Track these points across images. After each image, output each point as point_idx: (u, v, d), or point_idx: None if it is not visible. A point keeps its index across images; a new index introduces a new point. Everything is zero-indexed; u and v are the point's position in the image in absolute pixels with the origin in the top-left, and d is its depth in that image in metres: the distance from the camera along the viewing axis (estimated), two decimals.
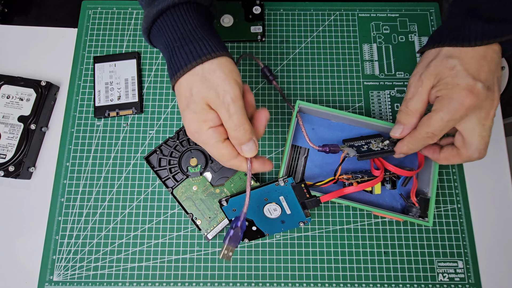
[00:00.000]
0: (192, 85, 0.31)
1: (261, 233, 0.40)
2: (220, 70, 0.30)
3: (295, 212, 0.39)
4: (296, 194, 0.38)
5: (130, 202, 0.44)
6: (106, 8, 0.51)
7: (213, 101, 0.30)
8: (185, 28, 0.32)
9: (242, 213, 0.34)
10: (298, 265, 0.42)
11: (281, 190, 0.38)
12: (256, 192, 0.38)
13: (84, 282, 0.41)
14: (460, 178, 0.44)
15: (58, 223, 0.43)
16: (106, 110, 0.46)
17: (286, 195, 0.38)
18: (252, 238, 0.40)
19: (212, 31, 0.34)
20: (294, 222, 0.39)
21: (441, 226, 0.43)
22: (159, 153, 0.44)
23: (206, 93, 0.30)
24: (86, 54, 0.49)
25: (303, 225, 0.40)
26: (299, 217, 0.39)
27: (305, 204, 0.38)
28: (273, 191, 0.38)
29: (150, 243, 0.42)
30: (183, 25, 0.32)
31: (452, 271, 0.41)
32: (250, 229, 0.39)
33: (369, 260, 0.42)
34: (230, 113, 0.30)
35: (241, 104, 0.30)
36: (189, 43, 0.31)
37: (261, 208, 0.38)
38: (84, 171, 0.44)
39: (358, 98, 0.47)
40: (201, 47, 0.31)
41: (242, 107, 0.31)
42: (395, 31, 0.50)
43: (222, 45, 0.32)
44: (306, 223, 0.39)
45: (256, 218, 0.39)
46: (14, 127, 0.44)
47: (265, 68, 0.47)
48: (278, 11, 0.51)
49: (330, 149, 0.41)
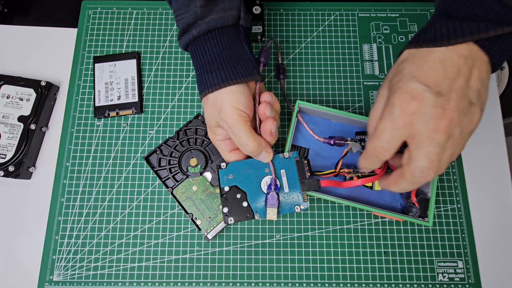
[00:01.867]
0: (205, 108, 0.37)
1: (250, 213, 0.37)
2: (221, 100, 0.35)
3: (293, 191, 0.38)
4: (297, 170, 0.38)
5: (130, 202, 0.44)
6: (106, 8, 0.51)
7: (220, 123, 0.36)
8: (205, 58, 0.36)
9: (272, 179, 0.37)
10: (298, 265, 0.42)
11: (284, 163, 0.38)
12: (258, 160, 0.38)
13: (84, 282, 0.41)
14: (460, 178, 0.44)
15: (58, 223, 0.43)
16: (106, 110, 0.46)
17: (287, 170, 0.38)
18: (239, 217, 0.37)
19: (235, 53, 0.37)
20: (290, 205, 0.37)
21: (441, 226, 0.43)
22: (159, 153, 0.44)
23: (212, 116, 0.36)
24: (86, 54, 0.49)
25: (299, 210, 0.37)
26: (296, 199, 0.38)
27: (304, 183, 0.38)
28: (276, 162, 0.38)
29: (150, 243, 0.42)
30: (203, 55, 0.37)
31: (452, 271, 0.41)
32: (240, 205, 0.37)
33: (369, 260, 0.42)
34: (234, 135, 0.35)
35: (241, 127, 0.34)
36: (205, 73, 0.36)
37: (259, 180, 0.38)
38: (84, 171, 0.45)
39: (358, 98, 0.47)
40: (213, 78, 0.35)
41: (243, 129, 0.35)
42: (395, 31, 0.50)
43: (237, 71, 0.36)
44: (303, 208, 0.37)
45: (250, 190, 0.38)
46: (14, 127, 0.44)
47: (281, 65, 0.47)
48: (278, 11, 0.51)
49: (335, 141, 0.40)
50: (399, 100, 0.28)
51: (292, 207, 0.38)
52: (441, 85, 0.27)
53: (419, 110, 0.27)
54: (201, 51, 0.37)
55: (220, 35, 0.36)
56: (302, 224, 0.43)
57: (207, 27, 0.35)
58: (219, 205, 0.42)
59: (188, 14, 0.36)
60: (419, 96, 0.27)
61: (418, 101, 0.27)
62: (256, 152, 0.36)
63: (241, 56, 0.37)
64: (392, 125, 0.28)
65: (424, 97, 0.27)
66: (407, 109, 0.27)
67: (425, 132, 0.27)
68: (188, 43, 0.37)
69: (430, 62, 0.28)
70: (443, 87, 0.27)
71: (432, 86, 0.27)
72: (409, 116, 0.27)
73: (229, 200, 0.38)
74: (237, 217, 0.37)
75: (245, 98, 0.35)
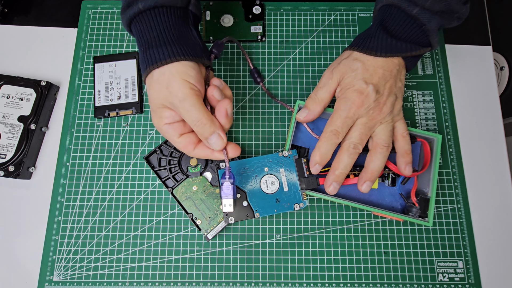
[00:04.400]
0: (149, 87, 0.34)
1: (250, 212, 0.37)
2: (169, 72, 0.33)
3: (292, 190, 0.38)
4: (296, 169, 0.38)
5: (130, 202, 0.44)
6: (106, 8, 0.51)
7: (167, 101, 0.33)
8: (151, 34, 0.35)
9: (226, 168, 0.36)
10: (298, 265, 0.42)
11: (283, 162, 0.38)
12: (258, 159, 0.38)
13: (84, 282, 0.41)
14: (460, 178, 0.44)
15: (58, 223, 0.43)
16: (106, 110, 0.46)
17: (287, 169, 0.38)
18: (239, 217, 0.37)
19: (183, 33, 0.36)
20: (289, 203, 0.38)
21: (441, 226, 0.43)
22: (159, 153, 0.44)
23: (157, 94, 0.33)
24: (86, 54, 0.49)
25: (298, 208, 0.38)
26: (295, 198, 0.38)
27: (303, 181, 0.38)
28: (275, 161, 0.38)
29: (150, 243, 0.42)
30: (149, 31, 0.35)
31: (452, 271, 0.41)
32: (240, 204, 0.37)
33: (369, 260, 0.42)
34: (185, 110, 0.33)
35: (193, 101, 0.33)
36: (150, 49, 0.34)
37: (259, 179, 0.38)
38: (84, 171, 0.45)
39: None
40: (159, 53, 0.33)
41: (196, 103, 0.33)
42: None
43: (185, 49, 0.34)
44: (302, 207, 0.38)
45: (250, 190, 0.38)
46: (14, 127, 0.44)
47: (254, 70, 0.47)
48: (278, 11, 0.51)
49: None
50: (352, 95, 0.36)
51: (291, 205, 0.38)
52: (380, 84, 0.37)
53: (365, 104, 0.36)
54: (146, 27, 0.35)
55: (167, 13, 0.35)
56: (302, 224, 0.43)
57: (154, 2, 0.34)
58: (219, 205, 0.42)
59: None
60: (365, 92, 0.36)
61: (364, 96, 0.36)
62: (208, 130, 0.34)
63: (189, 39, 0.36)
64: (345, 113, 0.36)
65: (368, 93, 0.36)
66: (356, 102, 0.36)
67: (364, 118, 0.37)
68: (132, 17, 0.35)
69: (375, 67, 0.37)
70: (380, 86, 0.37)
71: (374, 85, 0.36)
72: (358, 107, 0.36)
73: None
74: (237, 217, 0.37)
75: (196, 72, 0.34)
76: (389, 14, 0.39)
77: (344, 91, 0.37)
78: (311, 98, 0.39)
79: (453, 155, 0.45)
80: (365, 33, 0.40)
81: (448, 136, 0.46)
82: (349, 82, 0.37)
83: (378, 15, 0.41)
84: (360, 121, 0.37)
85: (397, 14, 0.38)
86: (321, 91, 0.39)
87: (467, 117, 0.47)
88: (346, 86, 0.37)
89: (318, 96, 0.39)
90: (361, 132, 0.37)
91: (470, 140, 0.46)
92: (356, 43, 0.39)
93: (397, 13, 0.38)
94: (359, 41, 0.39)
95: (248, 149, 0.45)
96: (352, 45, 0.39)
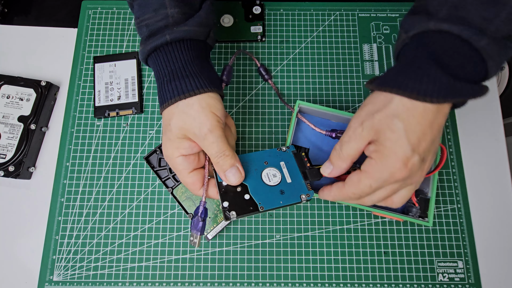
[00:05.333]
0: (172, 117, 0.34)
1: (254, 205, 0.33)
2: (198, 104, 0.33)
3: (296, 182, 0.35)
4: (297, 163, 0.36)
5: (130, 202, 0.44)
6: (106, 8, 0.51)
7: (191, 132, 0.33)
8: (175, 65, 0.35)
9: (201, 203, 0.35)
10: (298, 265, 0.42)
11: (282, 156, 0.37)
12: (256, 155, 0.36)
13: (84, 282, 0.41)
14: (460, 178, 0.44)
15: (58, 223, 0.43)
16: (106, 110, 0.46)
17: (287, 161, 0.36)
18: (242, 211, 0.33)
19: (204, 65, 0.36)
20: (295, 194, 0.35)
21: (441, 226, 0.43)
22: (159, 153, 0.44)
23: (182, 124, 0.33)
24: (86, 54, 0.49)
25: (306, 199, 0.34)
26: (300, 188, 0.35)
27: (306, 174, 0.36)
28: (274, 155, 0.36)
29: (150, 243, 0.42)
30: (174, 62, 0.35)
31: (452, 271, 0.41)
32: (241, 198, 0.34)
33: (369, 260, 0.42)
34: (210, 142, 0.32)
35: (219, 133, 0.33)
36: (176, 80, 0.34)
37: (259, 172, 0.35)
38: (84, 171, 0.45)
39: (358, 98, 0.47)
40: (186, 84, 0.33)
41: (221, 136, 0.33)
42: (395, 31, 0.50)
43: (209, 81, 0.34)
44: (309, 197, 0.35)
45: (251, 183, 0.34)
46: (14, 127, 0.44)
47: (261, 67, 0.47)
48: (278, 11, 0.51)
49: (337, 134, 0.40)
50: (392, 166, 0.29)
51: (298, 196, 0.35)
52: (427, 150, 0.30)
53: (406, 176, 0.30)
54: (170, 57, 0.35)
55: (191, 45, 0.36)
56: (302, 224, 0.43)
57: (182, 35, 0.35)
58: (219, 205, 0.42)
59: (155, 19, 0.35)
60: (410, 164, 0.29)
61: (408, 169, 0.29)
62: (229, 162, 0.33)
63: (209, 71, 0.36)
64: (378, 184, 0.31)
65: (414, 165, 0.29)
66: (397, 175, 0.30)
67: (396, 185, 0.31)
68: (156, 48, 0.35)
69: (424, 126, 0.29)
70: (427, 152, 0.30)
71: (421, 154, 0.29)
72: (396, 181, 0.30)
73: (229, 194, 0.34)
74: (240, 211, 0.33)
75: (221, 106, 0.34)
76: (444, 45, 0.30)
77: (381, 155, 0.30)
78: (336, 153, 0.33)
79: (453, 155, 0.45)
80: (405, 68, 0.30)
81: (448, 136, 0.46)
82: (390, 147, 0.29)
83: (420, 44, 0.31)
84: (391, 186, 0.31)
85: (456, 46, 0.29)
86: (347, 147, 0.32)
87: (467, 117, 0.47)
88: (385, 151, 0.30)
89: (344, 152, 0.32)
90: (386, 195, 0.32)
91: (470, 140, 0.46)
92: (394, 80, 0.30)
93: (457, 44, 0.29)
94: (399, 78, 0.30)
95: (248, 149, 0.45)
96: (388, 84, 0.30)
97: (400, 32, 0.34)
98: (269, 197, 0.34)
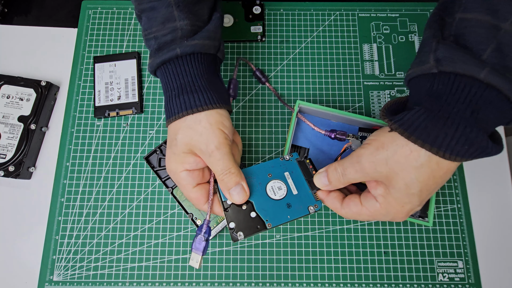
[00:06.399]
0: (178, 131, 0.33)
1: (261, 223, 0.33)
2: (206, 120, 0.32)
3: (302, 193, 0.34)
4: (302, 171, 0.35)
5: (130, 202, 0.44)
6: (106, 8, 0.51)
7: (197, 148, 0.32)
8: (185, 79, 0.34)
9: (205, 221, 0.35)
10: (298, 265, 0.42)
11: (286, 165, 0.35)
12: (259, 167, 0.35)
13: (84, 282, 0.41)
14: (460, 178, 0.44)
15: (58, 223, 0.43)
16: (106, 110, 0.46)
17: (291, 171, 0.35)
18: (250, 231, 0.32)
19: (213, 80, 0.36)
20: (302, 206, 0.34)
21: (441, 226, 0.43)
22: (159, 153, 0.44)
23: (188, 139, 0.33)
24: (86, 54, 0.49)
25: (314, 211, 0.33)
26: (307, 199, 0.34)
27: (312, 182, 0.34)
28: (277, 166, 0.35)
29: (150, 243, 0.42)
30: (183, 76, 0.34)
31: (452, 271, 0.41)
32: (248, 216, 0.33)
33: (369, 260, 0.42)
34: (216, 159, 0.32)
35: (226, 151, 0.32)
36: (184, 94, 0.33)
37: (264, 186, 0.34)
38: (84, 171, 0.45)
39: (358, 98, 0.47)
40: (195, 99, 0.33)
41: (228, 153, 0.33)
42: (395, 31, 0.50)
43: (217, 96, 0.34)
44: (317, 208, 0.34)
45: (256, 199, 0.34)
46: (14, 127, 0.44)
47: (257, 71, 0.47)
48: (278, 11, 0.51)
49: (336, 135, 0.40)
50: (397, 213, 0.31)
51: (305, 208, 0.34)
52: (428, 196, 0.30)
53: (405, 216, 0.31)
54: (180, 71, 0.34)
55: (201, 59, 0.35)
56: (302, 224, 0.43)
57: (192, 49, 0.34)
58: None
59: (164, 32, 0.35)
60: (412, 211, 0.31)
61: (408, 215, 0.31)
62: (234, 180, 0.32)
63: (218, 86, 0.36)
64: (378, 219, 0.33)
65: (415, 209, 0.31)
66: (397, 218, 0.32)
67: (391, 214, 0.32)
68: (166, 61, 0.35)
69: (436, 178, 0.28)
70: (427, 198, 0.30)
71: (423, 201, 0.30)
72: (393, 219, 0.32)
73: (234, 213, 0.33)
74: (247, 231, 0.32)
75: (229, 122, 0.34)
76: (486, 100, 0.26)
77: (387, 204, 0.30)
78: (337, 173, 0.32)
79: None
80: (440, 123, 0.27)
81: None
82: (399, 198, 0.30)
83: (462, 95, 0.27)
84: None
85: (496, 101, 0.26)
86: (352, 172, 0.31)
87: None
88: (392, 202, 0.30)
89: (346, 177, 0.32)
90: None
91: None
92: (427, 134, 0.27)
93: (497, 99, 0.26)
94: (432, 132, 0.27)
95: (248, 149, 0.45)
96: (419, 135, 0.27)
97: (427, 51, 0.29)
98: (276, 212, 0.33)
